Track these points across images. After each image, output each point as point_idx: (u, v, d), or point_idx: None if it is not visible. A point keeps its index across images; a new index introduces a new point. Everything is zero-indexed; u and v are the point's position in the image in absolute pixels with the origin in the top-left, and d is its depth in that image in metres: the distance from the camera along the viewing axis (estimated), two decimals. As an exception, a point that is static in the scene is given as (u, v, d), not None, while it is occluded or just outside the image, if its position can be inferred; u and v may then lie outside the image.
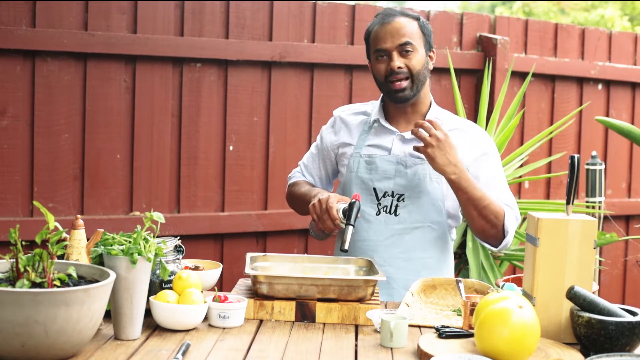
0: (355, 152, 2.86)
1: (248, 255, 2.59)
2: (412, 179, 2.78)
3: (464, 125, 2.87)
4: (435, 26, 4.61)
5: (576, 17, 13.48)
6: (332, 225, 2.64)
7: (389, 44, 2.74)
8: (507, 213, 2.74)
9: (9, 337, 1.82)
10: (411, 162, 2.78)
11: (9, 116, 3.64)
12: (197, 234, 4.03)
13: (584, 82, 5.11)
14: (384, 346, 2.14)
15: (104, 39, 3.76)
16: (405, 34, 2.75)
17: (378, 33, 2.78)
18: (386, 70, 2.76)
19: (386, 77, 2.76)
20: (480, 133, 2.88)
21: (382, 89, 2.82)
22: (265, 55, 4.13)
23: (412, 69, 2.75)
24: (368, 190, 2.80)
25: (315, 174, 3.05)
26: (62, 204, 3.76)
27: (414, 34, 2.76)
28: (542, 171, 4.91)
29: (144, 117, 3.92)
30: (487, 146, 2.84)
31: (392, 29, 2.76)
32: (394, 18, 2.78)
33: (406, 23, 2.77)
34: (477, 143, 2.82)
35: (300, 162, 3.10)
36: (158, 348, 2.05)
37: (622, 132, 3.67)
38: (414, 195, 2.78)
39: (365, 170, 2.81)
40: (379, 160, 2.80)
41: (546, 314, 2.18)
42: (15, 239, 1.94)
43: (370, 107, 2.95)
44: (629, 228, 5.29)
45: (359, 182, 2.82)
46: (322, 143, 3.01)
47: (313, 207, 2.68)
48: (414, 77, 2.75)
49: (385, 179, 2.79)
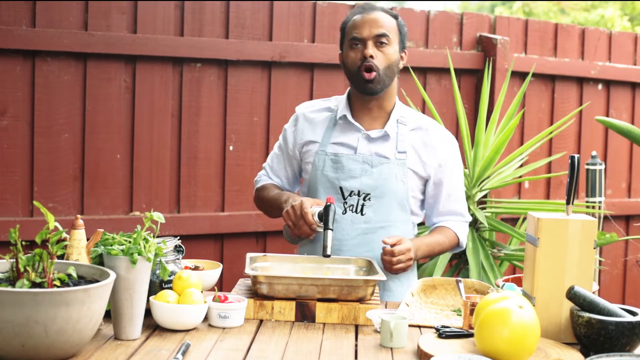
0: (320, 150, 2.85)
1: (248, 255, 2.59)
2: (378, 178, 2.79)
3: (427, 125, 2.90)
4: (435, 26, 4.62)
5: (576, 17, 13.48)
6: (309, 230, 2.65)
7: (365, 32, 2.76)
8: (460, 230, 2.92)
9: (9, 337, 1.82)
10: (377, 161, 2.80)
11: (9, 116, 3.64)
12: (197, 234, 4.03)
13: (584, 82, 5.11)
14: (384, 346, 2.14)
15: (104, 39, 3.76)
16: (382, 25, 2.78)
17: (355, 22, 2.80)
18: (360, 58, 2.76)
19: (358, 67, 2.76)
20: (445, 136, 2.91)
21: (352, 78, 2.82)
22: (265, 55, 4.13)
23: (383, 60, 2.77)
24: (334, 189, 2.81)
25: (281, 175, 3.01)
26: (62, 204, 3.76)
27: (391, 29, 2.80)
28: (542, 171, 4.91)
29: (144, 117, 3.92)
30: (451, 151, 2.89)
31: (371, 19, 2.78)
32: (373, 11, 2.81)
33: (384, 16, 2.81)
34: (441, 147, 2.86)
35: (265, 165, 3.06)
36: (158, 348, 2.05)
37: (622, 132, 3.67)
38: (380, 194, 2.79)
39: (332, 168, 2.82)
40: (345, 160, 2.81)
41: (546, 314, 2.18)
42: (15, 239, 1.94)
43: (334, 103, 2.94)
44: (629, 228, 5.29)
45: (325, 181, 2.82)
46: (285, 142, 2.97)
47: (287, 214, 2.68)
48: (385, 70, 2.77)
49: (351, 178, 2.80)
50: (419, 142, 2.85)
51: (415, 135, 2.85)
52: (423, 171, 2.84)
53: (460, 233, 2.92)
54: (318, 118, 2.91)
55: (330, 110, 2.92)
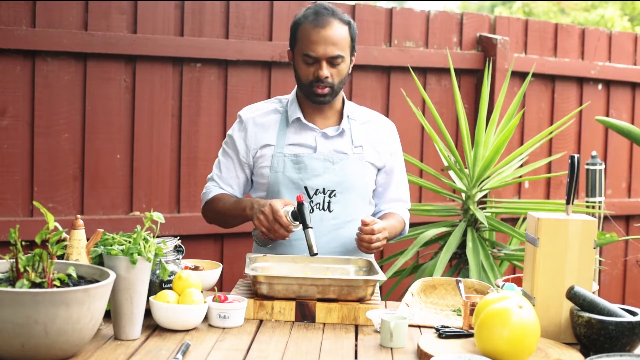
0: (277, 152, 2.84)
1: (248, 255, 2.59)
2: (341, 174, 2.84)
3: (375, 118, 2.99)
4: (435, 26, 4.62)
5: (576, 17, 13.47)
6: (285, 232, 2.65)
7: (320, 52, 2.75)
8: (406, 216, 3.04)
9: (9, 337, 1.82)
10: (337, 158, 2.85)
11: (9, 116, 3.64)
12: (197, 234, 4.03)
13: (584, 82, 5.11)
14: (384, 346, 2.14)
15: (104, 39, 3.76)
16: (337, 43, 2.75)
17: (310, 36, 2.76)
18: (313, 75, 2.78)
19: (311, 81, 2.78)
20: (392, 128, 3.02)
21: (303, 89, 2.84)
22: (265, 55, 4.13)
23: (336, 77, 2.79)
24: (299, 189, 2.83)
25: (233, 182, 2.95)
26: (62, 204, 3.76)
27: (344, 44, 2.78)
28: (542, 171, 4.91)
29: (144, 117, 3.92)
30: (397, 140, 3.02)
31: (326, 37, 2.74)
32: (327, 22, 2.76)
33: (338, 29, 2.77)
34: (390, 138, 2.98)
35: (212, 176, 2.97)
36: (158, 348, 2.05)
37: (622, 132, 3.67)
38: (344, 189, 2.84)
39: (293, 169, 2.83)
40: (307, 159, 2.83)
41: (546, 314, 2.18)
42: (15, 239, 1.94)
43: (279, 105, 2.94)
44: (629, 228, 5.29)
45: (287, 182, 2.83)
46: (235, 149, 2.91)
47: (259, 220, 2.66)
48: (336, 86, 2.81)
49: (315, 177, 2.83)
50: (371, 135, 2.93)
51: (366, 129, 2.93)
52: (379, 161, 2.93)
53: (406, 218, 3.04)
54: (267, 121, 2.90)
55: (278, 112, 2.92)
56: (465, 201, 3.85)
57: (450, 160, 3.79)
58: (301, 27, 2.81)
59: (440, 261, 3.62)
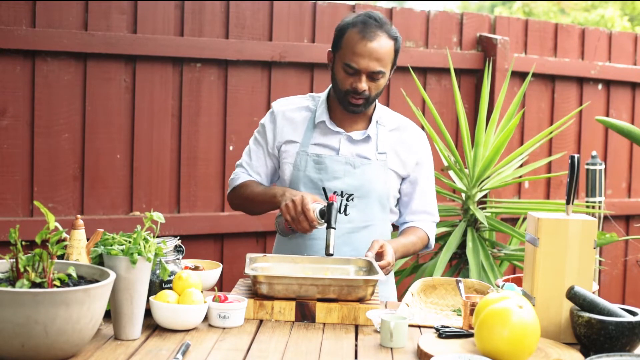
0: (301, 150, 2.84)
1: (248, 255, 2.59)
2: (361, 179, 2.81)
3: (405, 126, 2.94)
4: (435, 26, 4.62)
5: (576, 17, 13.47)
6: (308, 227, 2.64)
7: (362, 65, 2.71)
8: (430, 230, 2.98)
9: (9, 337, 1.82)
10: (359, 162, 2.82)
11: (9, 116, 3.64)
12: (197, 234, 4.03)
13: (584, 82, 5.11)
14: (384, 346, 2.14)
15: (104, 39, 3.76)
16: (380, 59, 2.71)
17: (355, 47, 2.71)
18: (351, 85, 2.74)
19: (347, 90, 2.75)
20: (421, 136, 2.95)
21: (338, 95, 2.81)
22: (265, 55, 4.13)
23: (373, 91, 2.76)
24: (317, 190, 2.81)
25: (261, 171, 2.96)
26: (62, 204, 3.76)
27: (387, 61, 2.75)
28: (542, 171, 4.91)
29: (144, 117, 3.92)
30: (426, 151, 2.95)
31: (370, 51, 2.70)
32: (375, 36, 2.71)
33: (384, 45, 2.72)
34: (417, 147, 2.92)
35: (242, 162, 2.99)
36: (158, 348, 2.05)
37: (622, 132, 3.67)
38: (362, 194, 2.82)
39: (314, 169, 2.82)
40: (328, 161, 2.82)
41: (546, 314, 2.18)
42: (15, 239, 1.94)
43: (312, 103, 2.92)
44: (629, 228, 5.29)
45: (307, 181, 2.82)
46: (264, 138, 2.92)
47: (287, 207, 2.65)
48: (371, 98, 2.78)
49: (335, 179, 2.81)
50: (397, 142, 2.89)
51: (394, 136, 2.89)
52: (403, 170, 2.89)
53: (431, 233, 2.98)
54: (297, 118, 2.89)
55: (309, 110, 2.91)
56: (465, 201, 3.85)
57: (450, 160, 3.79)
58: (347, 34, 2.75)
59: (440, 261, 3.62)
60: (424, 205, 2.95)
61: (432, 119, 4.31)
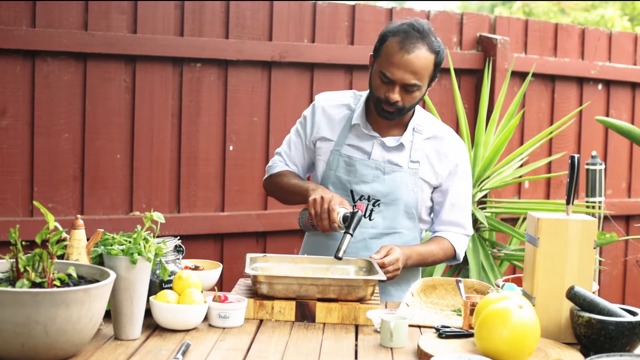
0: (335, 150, 2.83)
1: (248, 256, 2.59)
2: (390, 186, 2.78)
3: (442, 133, 2.86)
4: (435, 26, 4.60)
5: (576, 17, 13.47)
6: (328, 226, 2.63)
7: (397, 77, 2.66)
8: (458, 242, 2.88)
9: (9, 337, 1.82)
10: (390, 169, 2.79)
11: (9, 116, 3.64)
12: (197, 234, 4.03)
13: (584, 82, 5.11)
14: (384, 346, 2.14)
15: (104, 39, 3.76)
16: (417, 72, 2.66)
17: (393, 57, 2.66)
18: (384, 94, 2.70)
19: (380, 97, 2.71)
20: (459, 146, 2.88)
21: (372, 99, 2.77)
22: (265, 55, 4.13)
23: (407, 103, 2.71)
24: (345, 191, 2.80)
25: (298, 162, 2.96)
26: (62, 204, 3.75)
27: (424, 74, 2.69)
28: (542, 171, 4.91)
29: (144, 117, 3.92)
30: (462, 162, 2.86)
31: (407, 64, 2.65)
32: (414, 48, 2.65)
33: (423, 58, 2.67)
34: (453, 156, 2.84)
35: (280, 151, 2.99)
36: (158, 348, 2.05)
37: (622, 132, 3.67)
38: (389, 201, 2.79)
39: (345, 171, 2.81)
40: (359, 164, 2.80)
41: (546, 314, 2.18)
42: (15, 239, 1.94)
43: (354, 101, 2.88)
44: (629, 228, 5.29)
45: (336, 182, 2.81)
46: (304, 130, 2.92)
47: (314, 202, 2.64)
48: (405, 110, 2.73)
49: (363, 183, 2.79)
50: (432, 151, 2.82)
51: (429, 144, 2.83)
52: (435, 180, 2.83)
53: (458, 245, 2.88)
54: (336, 115, 2.87)
55: (350, 108, 2.87)
56: (465, 201, 3.85)
57: (450, 160, 3.79)
58: (388, 42, 2.69)
59: (440, 261, 3.61)
60: (452, 217, 2.87)
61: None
